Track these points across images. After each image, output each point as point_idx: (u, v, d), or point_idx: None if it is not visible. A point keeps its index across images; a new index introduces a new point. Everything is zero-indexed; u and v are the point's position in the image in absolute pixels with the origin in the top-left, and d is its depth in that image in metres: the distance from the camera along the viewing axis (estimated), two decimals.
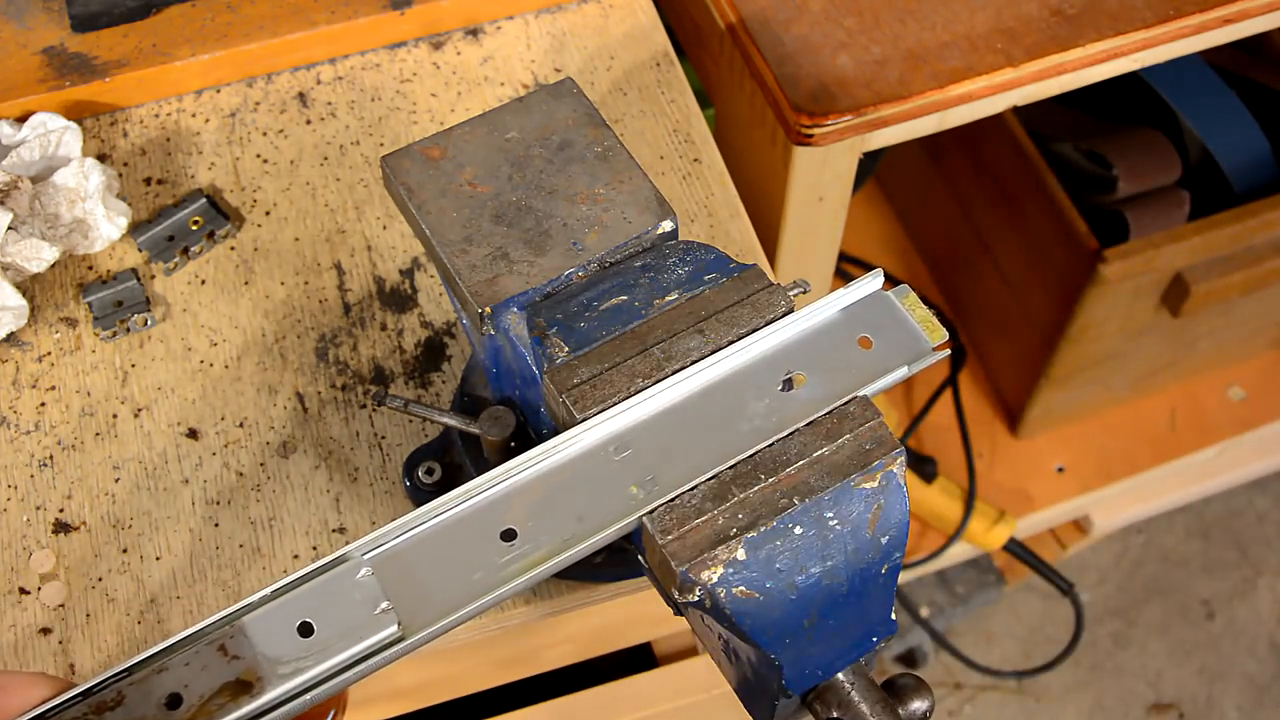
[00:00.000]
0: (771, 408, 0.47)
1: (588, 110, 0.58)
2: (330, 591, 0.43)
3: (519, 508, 0.45)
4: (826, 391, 0.48)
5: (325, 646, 0.42)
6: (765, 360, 0.49)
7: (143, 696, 0.41)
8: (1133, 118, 1.24)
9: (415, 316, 0.71)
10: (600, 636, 0.81)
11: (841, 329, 0.50)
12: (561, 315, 0.51)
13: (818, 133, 0.76)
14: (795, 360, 0.49)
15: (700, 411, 0.48)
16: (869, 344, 0.49)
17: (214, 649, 0.42)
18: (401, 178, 0.55)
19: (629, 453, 0.46)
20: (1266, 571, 1.66)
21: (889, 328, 0.50)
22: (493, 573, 0.44)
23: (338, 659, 0.42)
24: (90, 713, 0.41)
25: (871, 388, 0.49)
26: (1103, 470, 1.37)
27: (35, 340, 0.70)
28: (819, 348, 0.49)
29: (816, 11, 0.80)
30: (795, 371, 0.48)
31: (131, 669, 0.41)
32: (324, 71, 0.80)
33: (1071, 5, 0.80)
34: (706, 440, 0.47)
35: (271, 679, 0.42)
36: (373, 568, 0.44)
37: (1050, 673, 1.48)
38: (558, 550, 0.45)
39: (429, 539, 0.45)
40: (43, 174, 0.72)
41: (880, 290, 0.51)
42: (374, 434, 0.68)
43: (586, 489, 0.46)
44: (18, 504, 0.65)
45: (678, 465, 0.46)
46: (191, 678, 0.41)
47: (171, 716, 0.41)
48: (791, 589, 0.46)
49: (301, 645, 0.42)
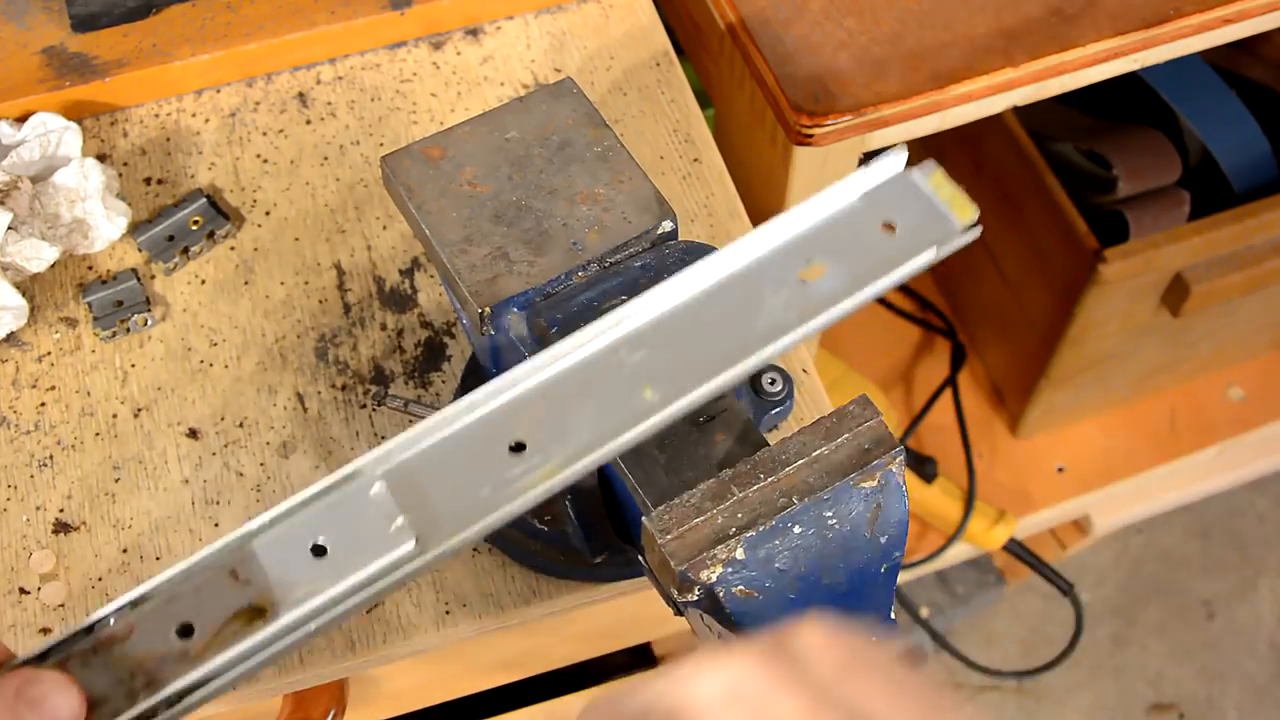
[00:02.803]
0: (791, 300, 0.44)
1: (588, 110, 0.58)
2: (342, 510, 0.41)
3: (528, 418, 0.43)
4: (848, 280, 0.45)
5: (340, 567, 0.40)
6: (782, 251, 0.45)
7: (154, 627, 0.40)
8: (1133, 118, 1.24)
9: (415, 316, 0.71)
10: (600, 636, 0.81)
11: (862, 214, 0.46)
12: (561, 315, 0.51)
13: (818, 133, 0.76)
14: (814, 249, 0.45)
15: (715, 308, 0.45)
16: (893, 228, 0.46)
17: (224, 574, 0.40)
18: (401, 178, 0.55)
19: (641, 354, 0.44)
20: (1266, 571, 1.66)
21: (914, 210, 0.46)
22: (502, 487, 0.42)
23: (353, 579, 0.40)
24: (101, 645, 0.39)
25: (896, 274, 0.46)
26: (1103, 470, 1.37)
27: (35, 340, 0.70)
28: (839, 235, 0.46)
29: (816, 11, 0.80)
30: (814, 261, 0.45)
31: (139, 600, 0.40)
32: (324, 71, 0.80)
33: (1071, 5, 0.80)
34: (722, 337, 0.44)
35: (286, 603, 0.40)
36: (385, 483, 0.42)
37: (1050, 673, 1.48)
38: (569, 461, 0.42)
39: (437, 453, 0.42)
40: (43, 174, 0.72)
41: (903, 171, 0.47)
42: (374, 434, 0.68)
43: (598, 395, 0.43)
44: (18, 504, 0.65)
45: (693, 365, 0.43)
46: (203, 605, 0.40)
47: (185, 645, 0.40)
48: (791, 588, 0.46)
49: (315, 566, 0.40)
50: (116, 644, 0.40)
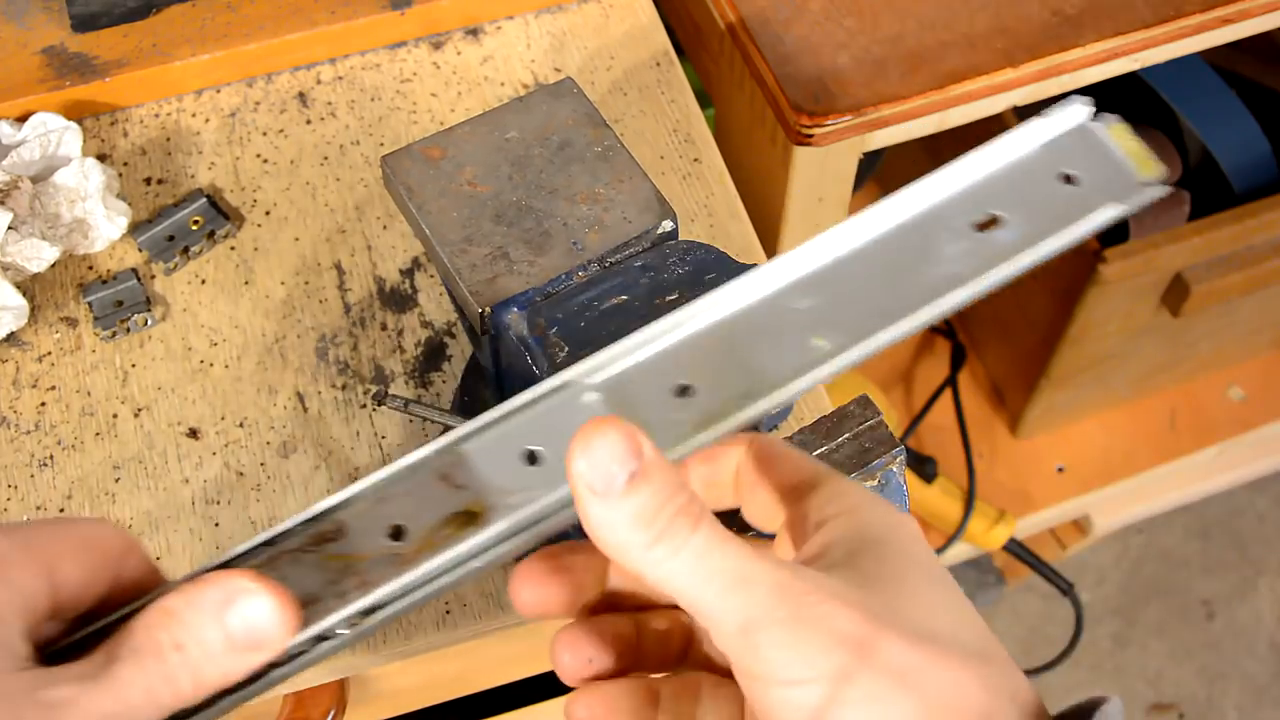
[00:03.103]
0: (968, 250, 0.42)
1: (588, 110, 0.58)
2: (555, 418, 0.40)
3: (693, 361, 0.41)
4: (1028, 233, 0.43)
5: (554, 475, 0.39)
6: (956, 200, 0.43)
7: (365, 527, 0.39)
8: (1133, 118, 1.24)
9: (415, 316, 0.71)
10: None
11: (1040, 164, 0.44)
12: (562, 315, 0.51)
13: (818, 133, 0.76)
14: (991, 199, 0.43)
15: (888, 256, 0.42)
16: (1073, 181, 0.44)
17: (436, 478, 0.39)
18: (401, 178, 0.55)
19: (810, 302, 0.42)
20: (1266, 571, 1.66)
21: (1094, 163, 0.44)
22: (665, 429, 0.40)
23: (568, 489, 0.39)
24: (310, 544, 0.39)
25: (1077, 228, 0.44)
26: (1103, 470, 1.37)
27: (35, 340, 0.70)
28: (1017, 186, 0.44)
29: (816, 11, 0.80)
30: (991, 211, 0.43)
31: (350, 500, 0.39)
32: (324, 71, 0.80)
33: (1071, 5, 0.80)
34: (895, 288, 0.42)
35: (499, 509, 0.39)
36: (599, 393, 0.40)
37: (1050, 673, 1.48)
38: (735, 407, 0.40)
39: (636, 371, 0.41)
40: (43, 174, 0.72)
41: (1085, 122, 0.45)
42: (374, 434, 0.68)
43: (765, 341, 0.41)
44: (18, 504, 0.65)
45: (865, 315, 0.41)
46: (414, 508, 0.39)
47: (396, 547, 0.39)
48: None
49: (529, 474, 0.39)
50: (327, 542, 0.39)
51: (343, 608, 0.38)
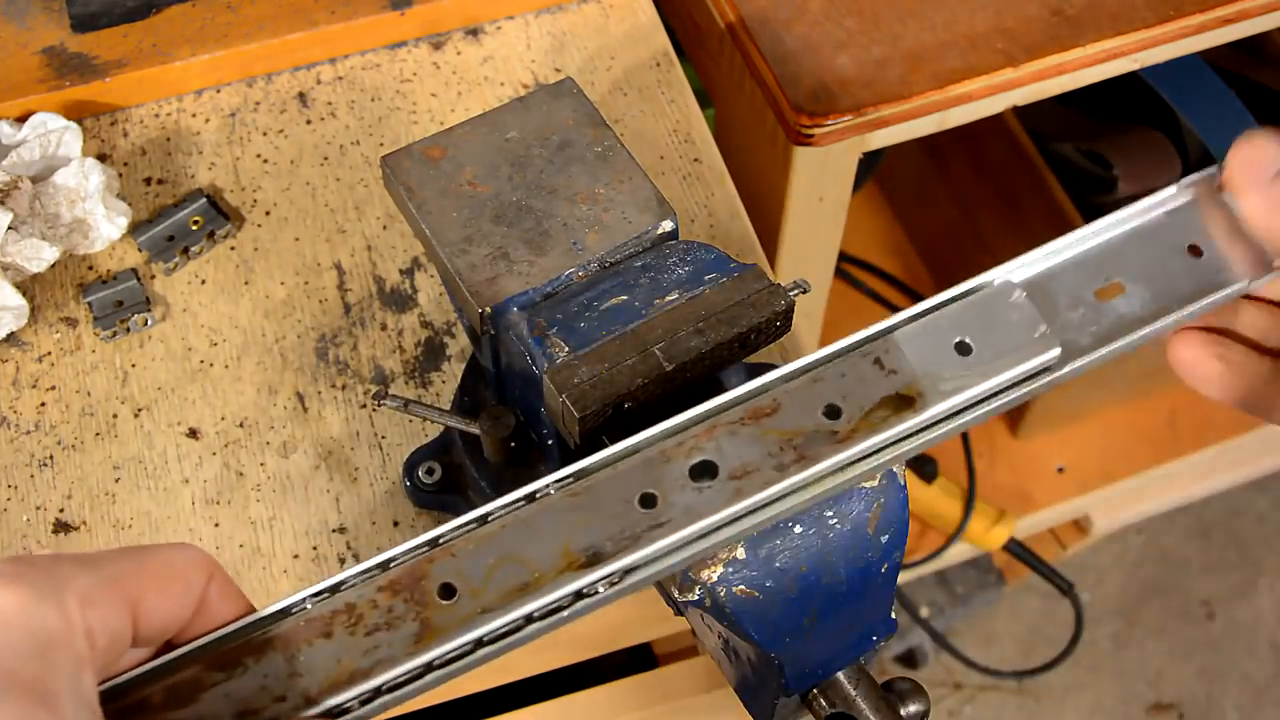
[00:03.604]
0: (1085, 319, 0.43)
1: (588, 110, 0.58)
2: (984, 313, 0.41)
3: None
4: (1148, 305, 0.43)
5: (985, 365, 0.41)
6: (1077, 264, 0.43)
7: (800, 405, 0.40)
8: (1133, 118, 1.24)
9: (415, 316, 0.71)
10: (600, 636, 0.81)
11: (1166, 233, 0.43)
12: (562, 315, 0.51)
13: (818, 133, 0.76)
14: (1113, 267, 0.43)
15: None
16: (1199, 252, 0.43)
17: (869, 362, 0.41)
18: (401, 178, 0.55)
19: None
20: (1266, 571, 1.66)
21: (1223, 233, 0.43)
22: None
23: (999, 379, 0.40)
24: (748, 418, 0.41)
25: (1202, 303, 0.43)
26: (1103, 470, 1.37)
27: (35, 340, 0.71)
28: (1140, 254, 0.43)
29: (816, 11, 0.80)
30: (1113, 279, 0.43)
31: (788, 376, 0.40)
32: (324, 71, 0.80)
33: (1071, 5, 0.80)
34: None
35: (933, 395, 0.40)
36: (1025, 291, 0.41)
37: (1050, 673, 1.48)
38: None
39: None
40: (43, 174, 0.72)
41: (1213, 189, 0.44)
42: (374, 434, 0.68)
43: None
44: (18, 504, 0.65)
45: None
46: (849, 389, 0.40)
47: (832, 425, 0.40)
48: (791, 588, 0.46)
49: (960, 363, 0.41)
50: (764, 418, 0.40)
51: (782, 480, 0.39)
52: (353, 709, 0.38)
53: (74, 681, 0.33)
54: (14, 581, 0.33)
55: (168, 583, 0.36)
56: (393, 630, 0.38)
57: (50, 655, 0.33)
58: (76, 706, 0.33)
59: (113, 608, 0.35)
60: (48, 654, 0.33)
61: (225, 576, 0.38)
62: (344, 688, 0.37)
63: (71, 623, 0.33)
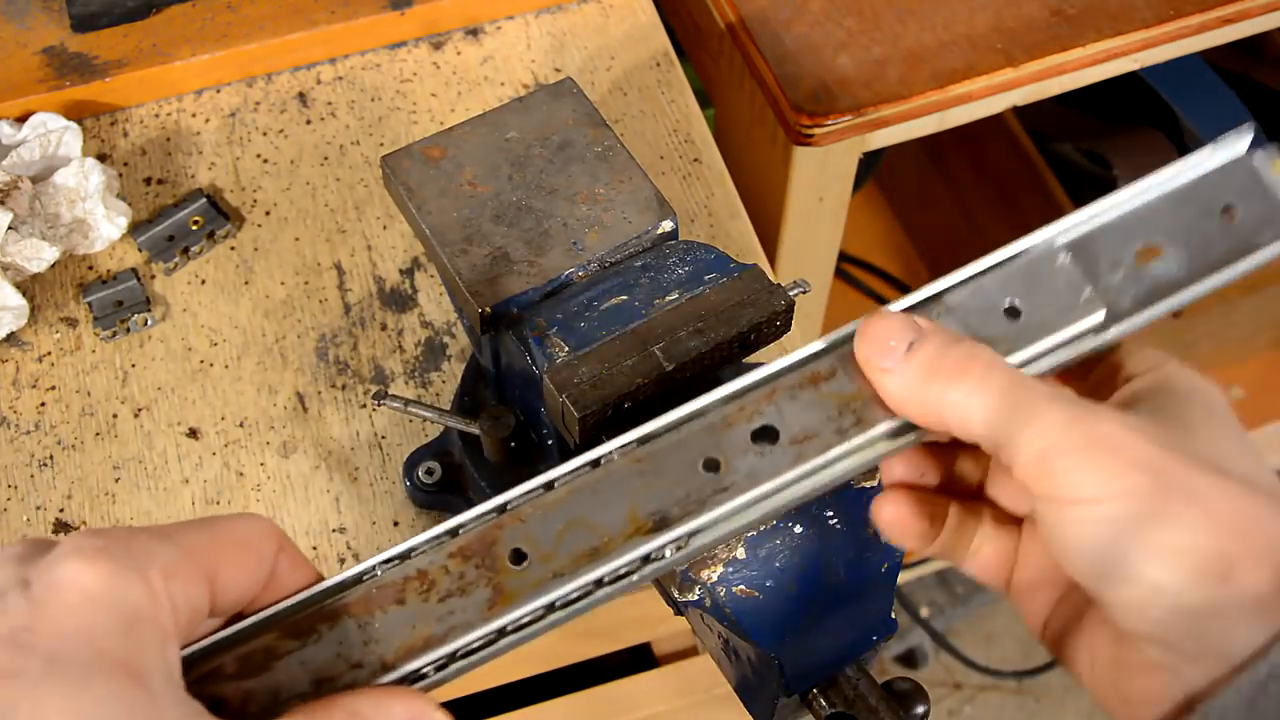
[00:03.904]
0: (1125, 282, 0.43)
1: (588, 110, 0.58)
2: (1031, 276, 0.42)
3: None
4: (1187, 268, 0.43)
5: (1035, 329, 0.41)
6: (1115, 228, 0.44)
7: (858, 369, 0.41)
8: (1133, 118, 1.24)
9: (415, 316, 0.71)
10: (600, 636, 0.81)
11: (1201, 197, 0.44)
12: (562, 315, 0.51)
13: (818, 133, 0.76)
14: (1149, 230, 0.43)
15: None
16: (1233, 215, 0.43)
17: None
18: (401, 178, 0.55)
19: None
20: None
21: (1256, 197, 0.44)
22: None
23: (1047, 342, 0.41)
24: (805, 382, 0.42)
25: (1239, 266, 0.44)
26: None
27: (35, 340, 0.70)
28: (1176, 217, 0.44)
29: (816, 11, 0.80)
30: (1151, 242, 0.43)
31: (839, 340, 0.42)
32: (324, 71, 0.80)
33: (1071, 5, 0.80)
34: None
35: None
36: (1070, 253, 0.42)
37: (1050, 673, 1.48)
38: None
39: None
40: (43, 174, 0.72)
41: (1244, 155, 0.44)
42: (374, 434, 0.68)
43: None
44: (18, 504, 0.65)
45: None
46: None
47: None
48: (791, 587, 0.46)
49: (1011, 327, 0.42)
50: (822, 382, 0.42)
51: (841, 442, 0.40)
52: (428, 674, 0.38)
53: (161, 656, 0.33)
54: (97, 557, 0.33)
55: (242, 554, 0.37)
56: (465, 596, 0.38)
57: (138, 631, 0.33)
58: (165, 680, 0.33)
59: (193, 580, 0.35)
60: (135, 630, 0.33)
61: (294, 547, 0.39)
62: (419, 654, 0.38)
63: (157, 597, 0.34)
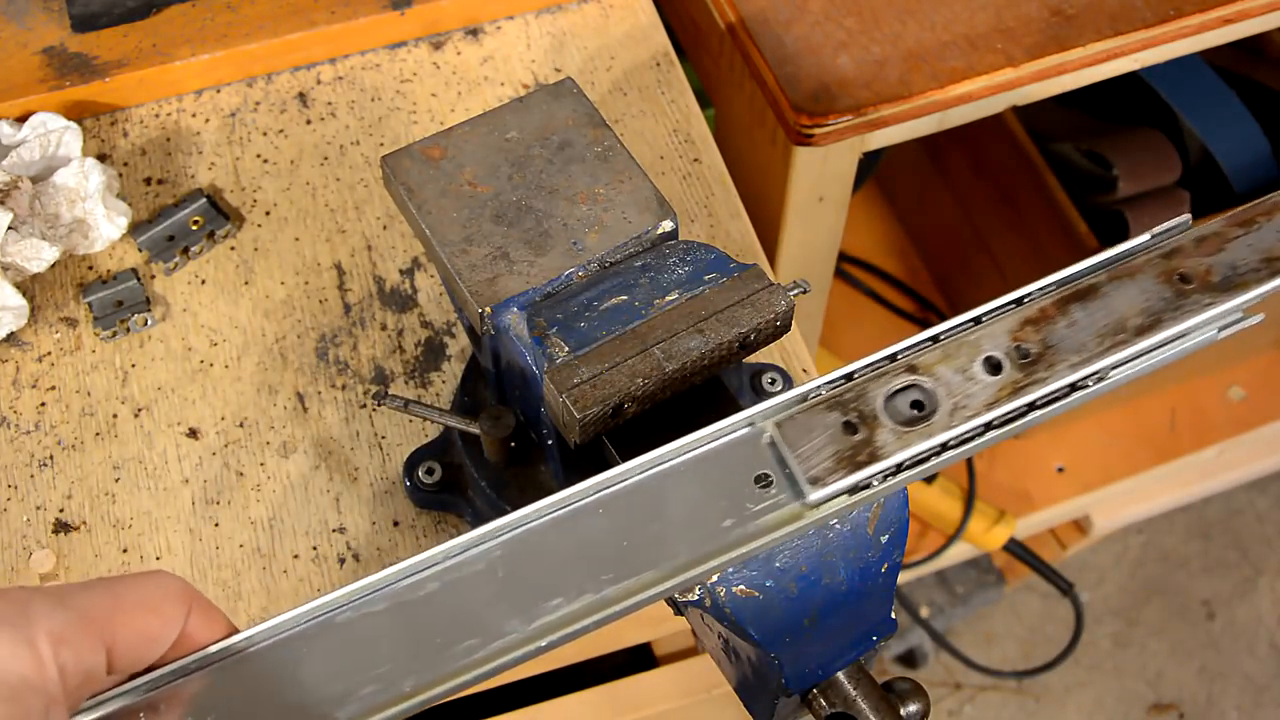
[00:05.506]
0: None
1: (588, 110, 0.58)
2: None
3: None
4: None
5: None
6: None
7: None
8: (1133, 118, 1.24)
9: (415, 316, 0.71)
10: (600, 636, 0.81)
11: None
12: (562, 315, 0.51)
13: (818, 133, 0.76)
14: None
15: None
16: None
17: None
18: (401, 178, 0.55)
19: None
20: (1266, 571, 1.66)
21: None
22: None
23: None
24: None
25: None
26: (1103, 470, 1.37)
27: (35, 340, 0.70)
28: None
29: (816, 11, 0.80)
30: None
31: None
32: (324, 71, 0.80)
33: (1071, 5, 0.80)
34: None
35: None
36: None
37: (1050, 673, 1.48)
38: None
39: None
40: (43, 174, 0.72)
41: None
42: (374, 434, 0.68)
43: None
44: (18, 504, 0.65)
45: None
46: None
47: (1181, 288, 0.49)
48: (791, 588, 0.46)
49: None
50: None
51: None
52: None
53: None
54: None
55: (144, 616, 0.36)
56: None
57: (22, 698, 0.33)
58: None
59: (86, 645, 0.35)
60: (20, 698, 0.33)
61: (206, 602, 0.38)
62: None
63: (43, 665, 0.33)
